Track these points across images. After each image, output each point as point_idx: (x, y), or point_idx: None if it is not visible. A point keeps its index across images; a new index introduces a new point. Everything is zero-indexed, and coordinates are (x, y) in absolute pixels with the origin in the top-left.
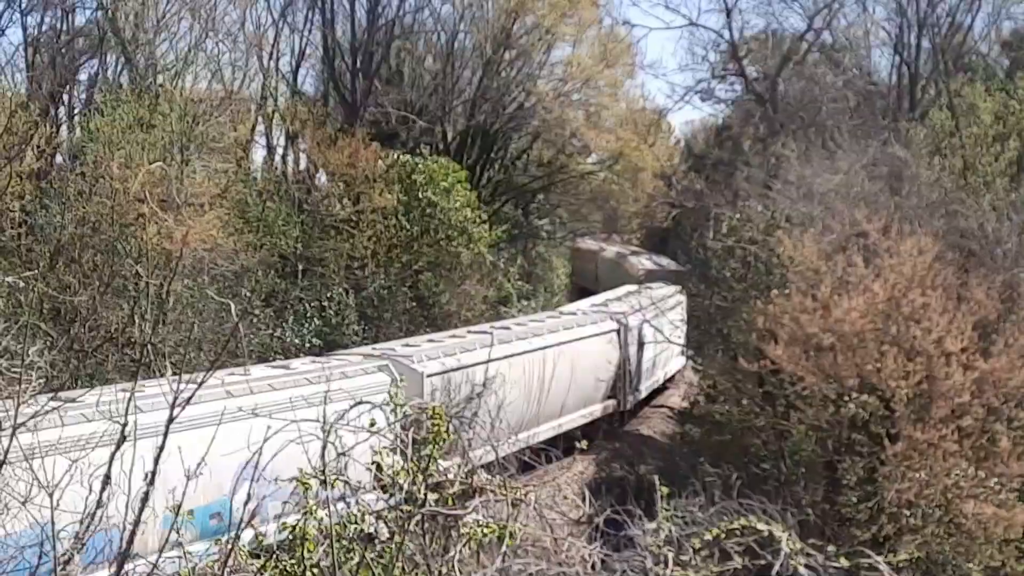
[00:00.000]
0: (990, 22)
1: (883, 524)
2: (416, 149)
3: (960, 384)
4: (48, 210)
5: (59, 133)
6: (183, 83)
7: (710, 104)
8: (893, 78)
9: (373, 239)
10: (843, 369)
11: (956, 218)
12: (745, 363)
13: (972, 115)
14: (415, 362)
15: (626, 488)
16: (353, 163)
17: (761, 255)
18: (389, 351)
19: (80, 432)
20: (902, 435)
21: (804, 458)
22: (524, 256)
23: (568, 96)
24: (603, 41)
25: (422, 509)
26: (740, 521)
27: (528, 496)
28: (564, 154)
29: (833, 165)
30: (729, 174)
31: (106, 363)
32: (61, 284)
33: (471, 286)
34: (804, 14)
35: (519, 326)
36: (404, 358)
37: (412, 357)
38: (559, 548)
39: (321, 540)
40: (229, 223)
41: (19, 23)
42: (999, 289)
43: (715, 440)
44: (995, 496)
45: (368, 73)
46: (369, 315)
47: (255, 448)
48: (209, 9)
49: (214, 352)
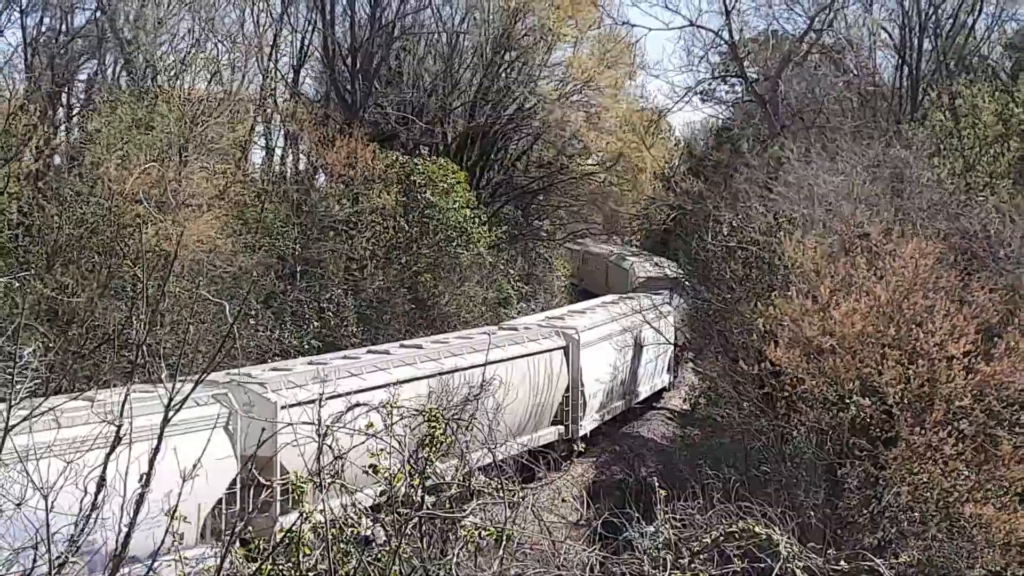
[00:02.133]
0: (993, 23)
1: (885, 527)
2: (416, 150)
3: (961, 387)
4: (45, 211)
5: (57, 134)
6: (182, 84)
7: (710, 105)
8: (895, 79)
9: (372, 240)
10: (844, 372)
11: (958, 220)
12: (745, 365)
13: (973, 116)
14: (270, 390)
15: (626, 491)
16: (352, 164)
17: (762, 256)
18: (245, 377)
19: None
20: (902, 438)
21: (805, 461)
22: (524, 257)
23: (568, 97)
24: (603, 42)
25: (419, 512)
26: (738, 524)
27: (525, 499)
28: (564, 155)
29: (834, 166)
30: (730, 175)
31: (103, 365)
32: (58, 285)
33: (471, 287)
34: (805, 15)
35: (436, 345)
36: (258, 386)
37: (269, 384)
38: (557, 551)
39: (317, 544)
40: (227, 224)
41: (18, 23)
42: (1001, 292)
43: (715, 443)
44: (996, 500)
45: (368, 74)
46: (368, 316)
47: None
48: (208, 10)
49: (211, 354)
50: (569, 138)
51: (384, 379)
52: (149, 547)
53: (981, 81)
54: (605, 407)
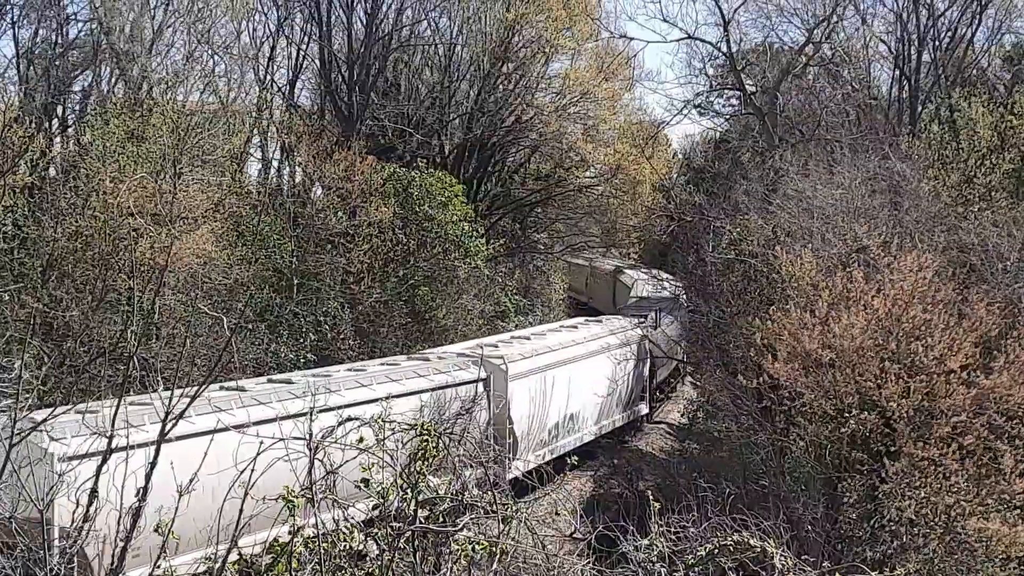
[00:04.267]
0: (991, 36)
1: (885, 542)
2: (413, 162)
3: (961, 401)
4: (40, 224)
5: (52, 146)
6: (177, 96)
7: (709, 117)
8: (893, 92)
9: (369, 253)
10: (843, 385)
11: (956, 233)
12: (744, 379)
13: (971, 129)
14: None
15: (623, 505)
16: (349, 176)
17: (761, 269)
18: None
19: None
20: (903, 452)
21: (804, 475)
22: (522, 270)
23: (566, 109)
24: (601, 54)
25: (412, 526)
26: (733, 537)
27: (519, 513)
28: (562, 167)
29: (833, 179)
30: (728, 187)
31: (99, 378)
32: (53, 299)
33: (468, 300)
34: (803, 27)
35: (316, 379)
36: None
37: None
38: (551, 565)
39: (309, 559)
40: (223, 237)
41: (12, 35)
42: (1000, 305)
43: (714, 456)
44: (997, 514)
45: (365, 86)
46: (365, 330)
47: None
48: (205, 21)
49: (207, 367)
50: (567, 150)
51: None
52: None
53: (979, 94)
54: (548, 444)
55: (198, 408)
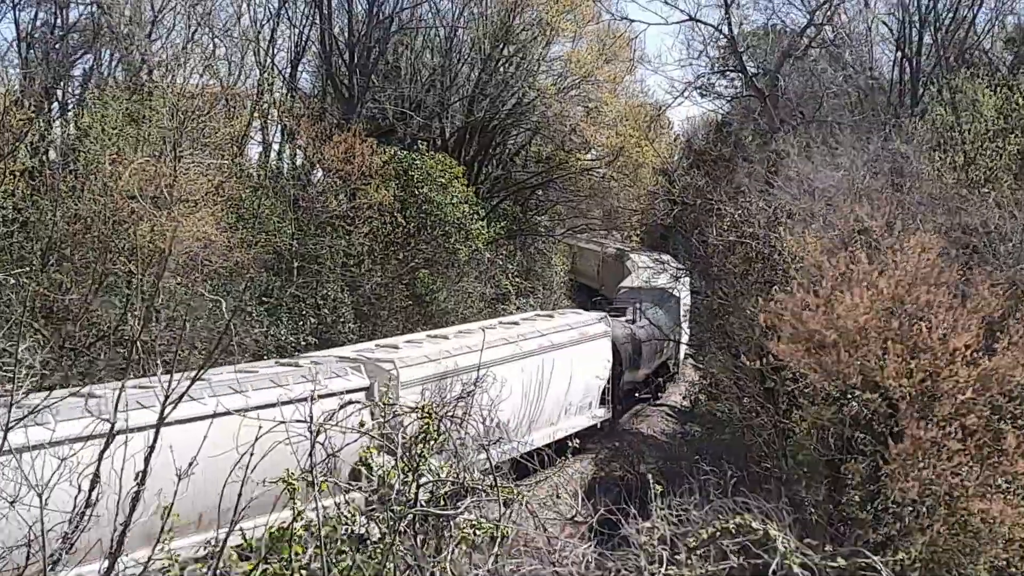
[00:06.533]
0: (993, 17)
1: (888, 524)
2: (414, 145)
3: (964, 381)
4: (40, 207)
5: (52, 129)
6: (177, 79)
7: (710, 100)
8: (895, 73)
9: (369, 236)
10: (846, 366)
11: (959, 215)
12: (746, 360)
13: (974, 111)
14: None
15: (624, 487)
16: (350, 159)
17: (763, 251)
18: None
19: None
20: (906, 433)
21: (806, 457)
22: (523, 253)
23: (567, 92)
24: (602, 37)
25: (413, 509)
26: (735, 520)
27: (520, 496)
28: (563, 150)
29: (834, 161)
30: (730, 170)
31: (99, 362)
32: (53, 282)
33: (469, 283)
34: (805, 9)
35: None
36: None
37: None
38: (552, 548)
39: (311, 541)
40: (223, 220)
41: (12, 18)
42: (1003, 286)
43: (716, 439)
44: (1001, 495)
45: (366, 68)
46: (365, 313)
47: None
48: (205, 4)
49: (207, 350)
50: (568, 133)
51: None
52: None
53: (981, 75)
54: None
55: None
